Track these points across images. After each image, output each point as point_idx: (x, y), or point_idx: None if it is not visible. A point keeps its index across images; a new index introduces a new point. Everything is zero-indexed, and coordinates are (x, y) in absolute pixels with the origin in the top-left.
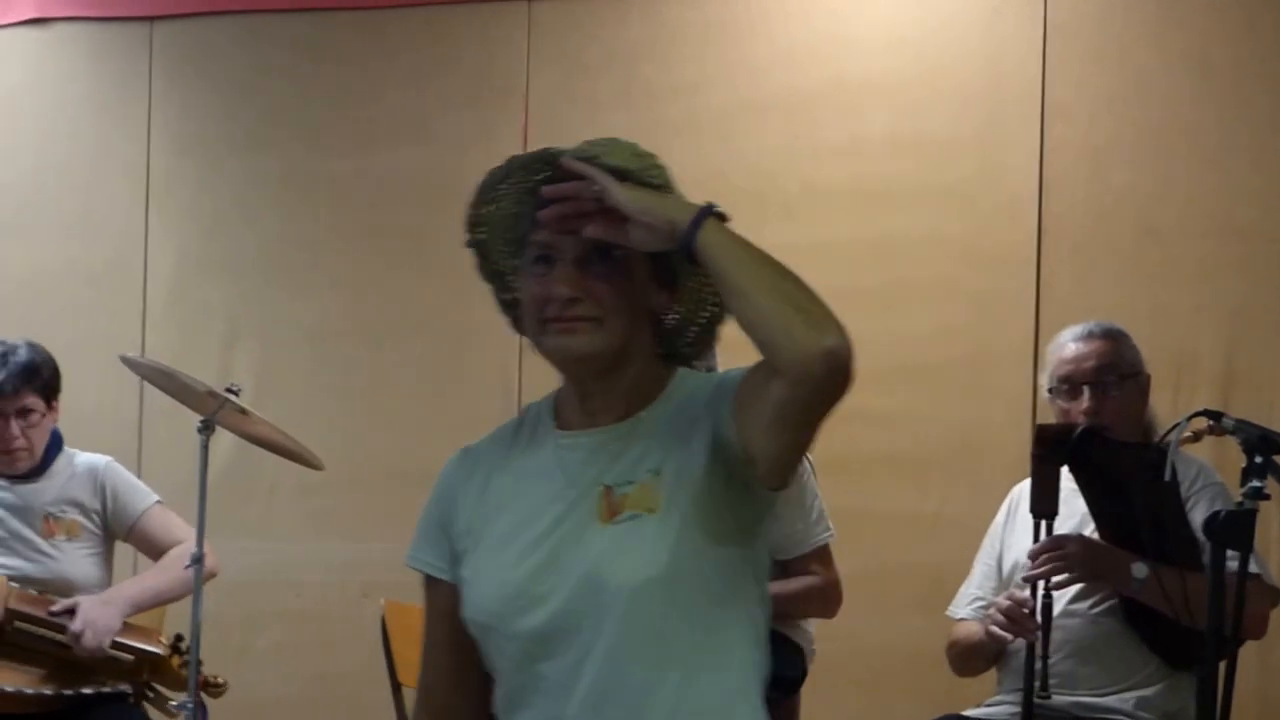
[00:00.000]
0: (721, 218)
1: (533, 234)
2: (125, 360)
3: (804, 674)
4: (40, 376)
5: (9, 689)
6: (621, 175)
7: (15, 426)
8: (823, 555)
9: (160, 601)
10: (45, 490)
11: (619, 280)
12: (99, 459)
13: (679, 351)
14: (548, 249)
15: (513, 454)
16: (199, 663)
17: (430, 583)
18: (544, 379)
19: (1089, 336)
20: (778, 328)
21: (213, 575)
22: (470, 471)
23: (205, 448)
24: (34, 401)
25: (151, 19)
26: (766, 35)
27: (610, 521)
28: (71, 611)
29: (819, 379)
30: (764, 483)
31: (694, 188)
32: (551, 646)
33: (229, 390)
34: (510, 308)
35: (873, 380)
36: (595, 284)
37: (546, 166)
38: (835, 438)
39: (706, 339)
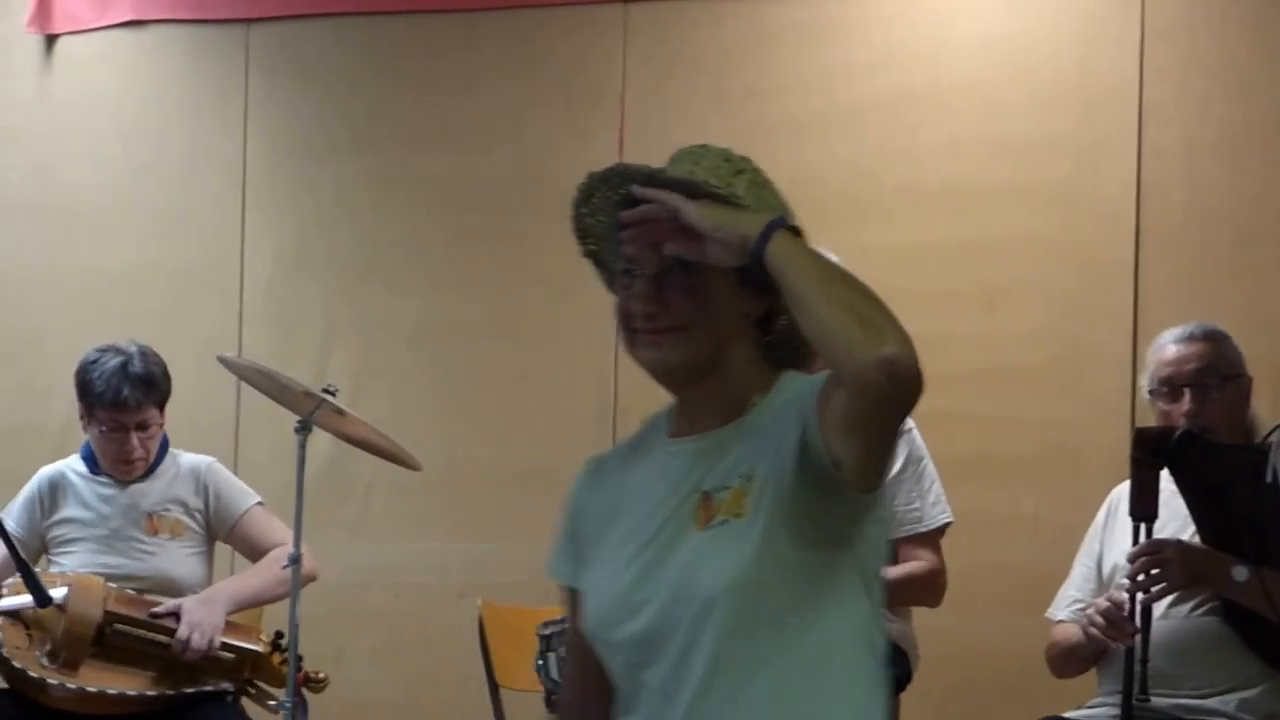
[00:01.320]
0: (794, 231)
1: (621, 246)
2: (223, 360)
3: (909, 676)
4: (159, 389)
5: (111, 691)
6: (690, 191)
7: (135, 439)
8: (935, 539)
9: (259, 602)
10: (150, 490)
11: (700, 290)
12: (202, 459)
13: (794, 354)
14: (631, 262)
15: (631, 463)
16: (299, 660)
17: (569, 591)
18: (641, 381)
19: (1190, 338)
20: (838, 337)
21: (311, 579)
22: (596, 481)
23: (302, 448)
24: (153, 415)
25: (248, 21)
26: (863, 38)
27: (704, 527)
28: (175, 614)
29: (879, 387)
30: (852, 485)
31: (790, 190)
32: (650, 654)
33: (326, 390)
34: None
35: (969, 382)
36: (675, 296)
37: (624, 181)
38: (931, 440)
39: None
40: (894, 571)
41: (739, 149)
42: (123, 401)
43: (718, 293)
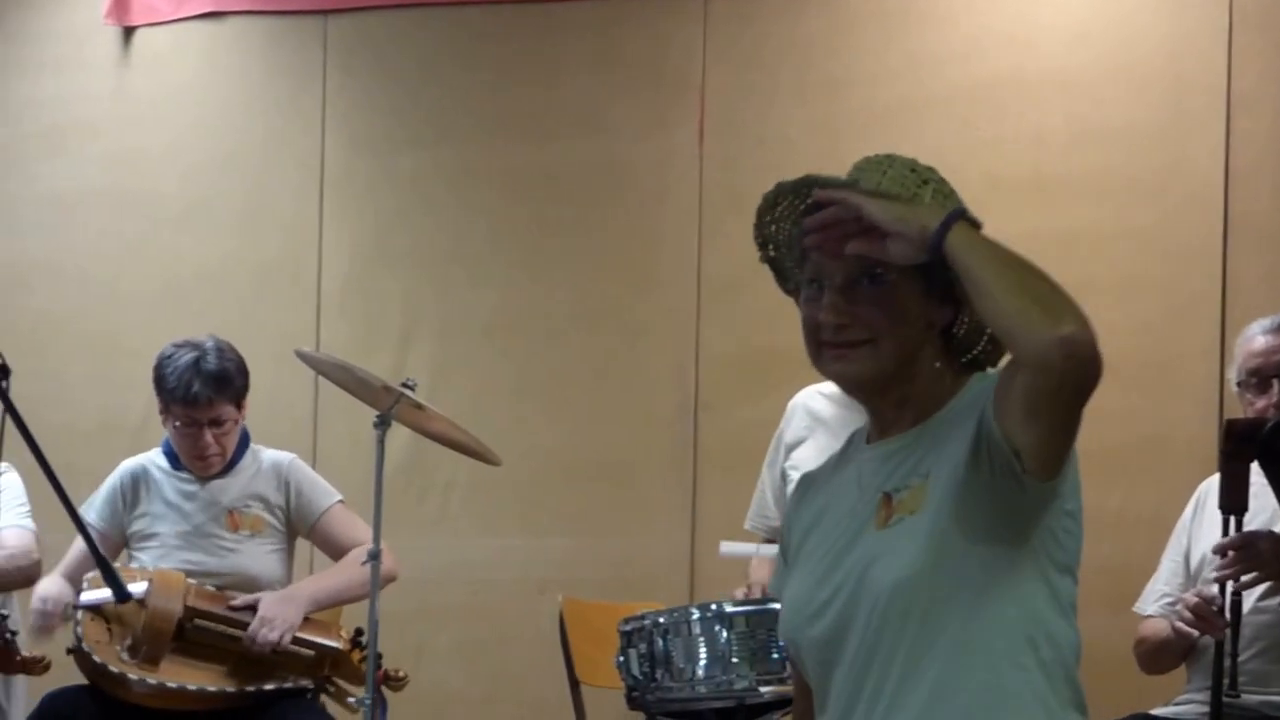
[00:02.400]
0: (973, 223)
1: (807, 256)
2: (301, 355)
3: None
4: (232, 385)
5: (191, 687)
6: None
7: (209, 435)
8: None
9: (339, 601)
10: (231, 486)
11: (888, 301)
12: (284, 455)
13: (976, 359)
14: (818, 273)
15: (834, 474)
16: (379, 657)
17: None
18: (722, 375)
19: (1278, 329)
20: (1015, 318)
21: (392, 579)
22: (804, 496)
23: (381, 443)
24: (227, 411)
25: (326, 13)
26: (947, 26)
27: (883, 526)
28: (253, 608)
29: (1058, 366)
30: (1033, 475)
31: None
32: (834, 654)
33: (405, 385)
34: None
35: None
36: (863, 308)
37: (812, 191)
38: None
39: (1000, 345)
40: None
41: (822, 139)
42: (194, 397)
43: (904, 303)
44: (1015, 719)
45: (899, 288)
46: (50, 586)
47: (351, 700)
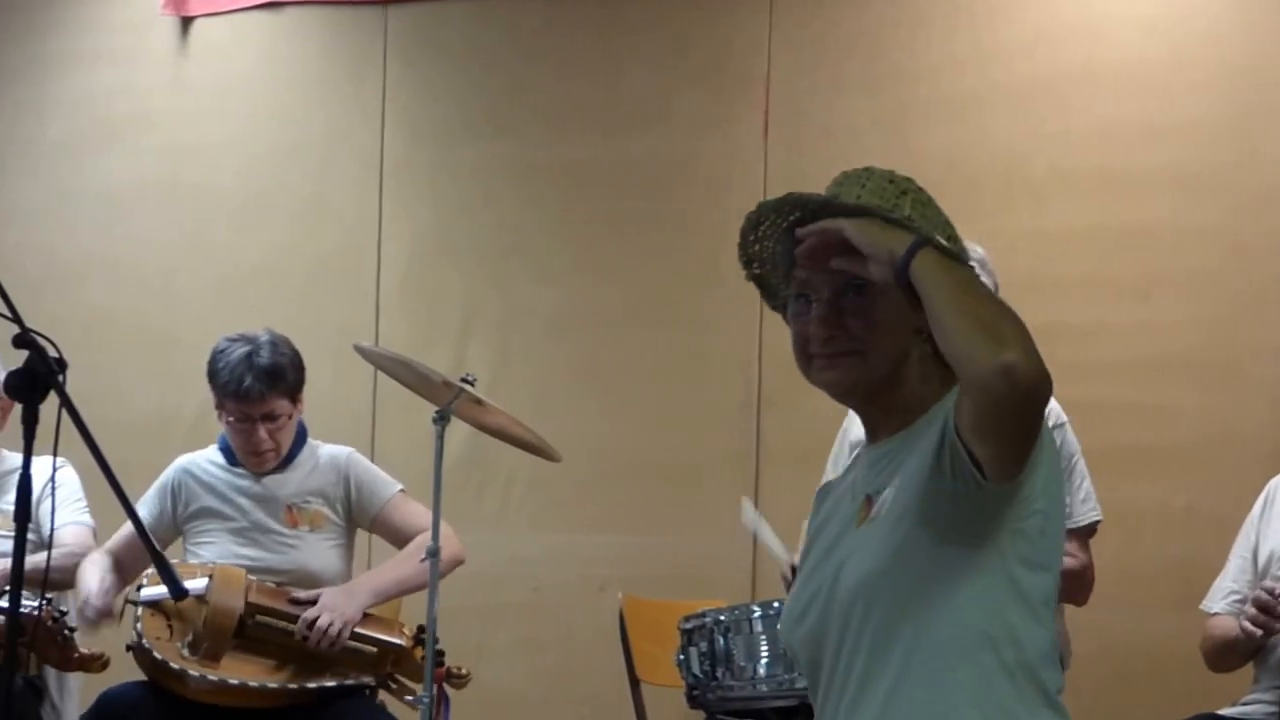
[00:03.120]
0: (943, 248)
1: (793, 271)
2: (359, 349)
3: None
4: (285, 380)
5: (253, 683)
6: (861, 215)
7: (262, 430)
8: (1084, 537)
9: (403, 591)
10: (289, 481)
11: (872, 312)
12: (342, 450)
13: None
14: (805, 287)
15: (841, 480)
16: (440, 653)
17: None
18: (785, 371)
19: None
20: (962, 343)
21: (459, 562)
22: (819, 503)
23: (440, 439)
24: (280, 405)
25: (386, 3)
26: (1016, 18)
27: (860, 526)
28: (314, 603)
29: (998, 393)
30: (993, 481)
31: (940, 174)
32: (818, 652)
33: (464, 380)
34: None
35: (1123, 372)
36: (850, 319)
37: (794, 209)
38: (1084, 431)
39: None
40: None
41: (889, 131)
42: (246, 392)
43: (889, 313)
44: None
45: (883, 299)
46: (91, 582)
47: (411, 698)
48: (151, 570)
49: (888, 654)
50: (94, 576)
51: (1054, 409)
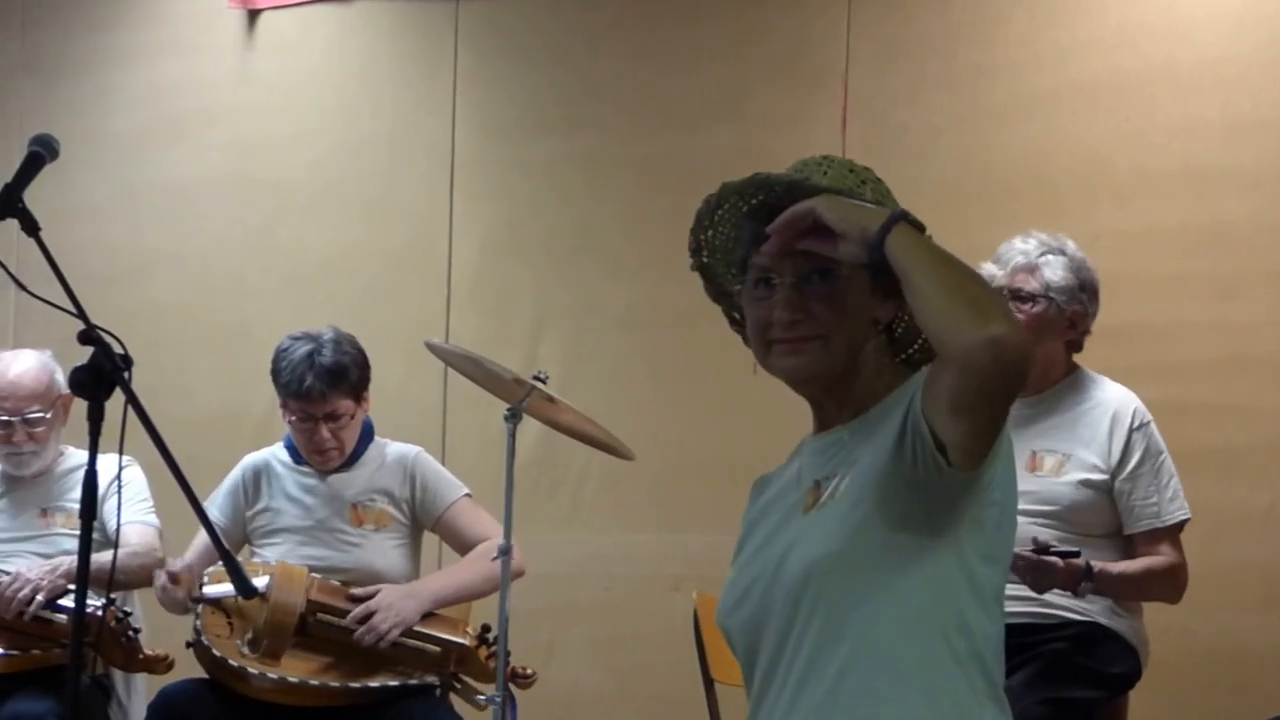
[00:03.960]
0: (917, 225)
1: (752, 257)
2: (430, 346)
3: (1136, 673)
4: (347, 379)
5: (312, 682)
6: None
7: (324, 429)
8: (1174, 535)
9: (464, 597)
10: (355, 480)
11: (838, 297)
12: (409, 449)
13: (913, 357)
14: (767, 272)
15: (782, 471)
16: (507, 654)
17: None
18: None
19: None
20: (946, 317)
21: (519, 575)
22: (756, 494)
23: (512, 437)
24: (343, 405)
25: None
26: (1096, 15)
27: (807, 512)
28: (372, 599)
29: (984, 366)
30: (957, 467)
31: (1020, 172)
32: (756, 639)
33: (536, 377)
34: (741, 326)
35: (1205, 372)
36: (815, 304)
37: (759, 191)
38: (1165, 431)
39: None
40: (1133, 566)
41: (967, 128)
42: (307, 392)
43: (853, 299)
44: (918, 708)
45: (849, 284)
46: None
47: (479, 698)
48: (214, 568)
49: (836, 639)
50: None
51: (1139, 407)
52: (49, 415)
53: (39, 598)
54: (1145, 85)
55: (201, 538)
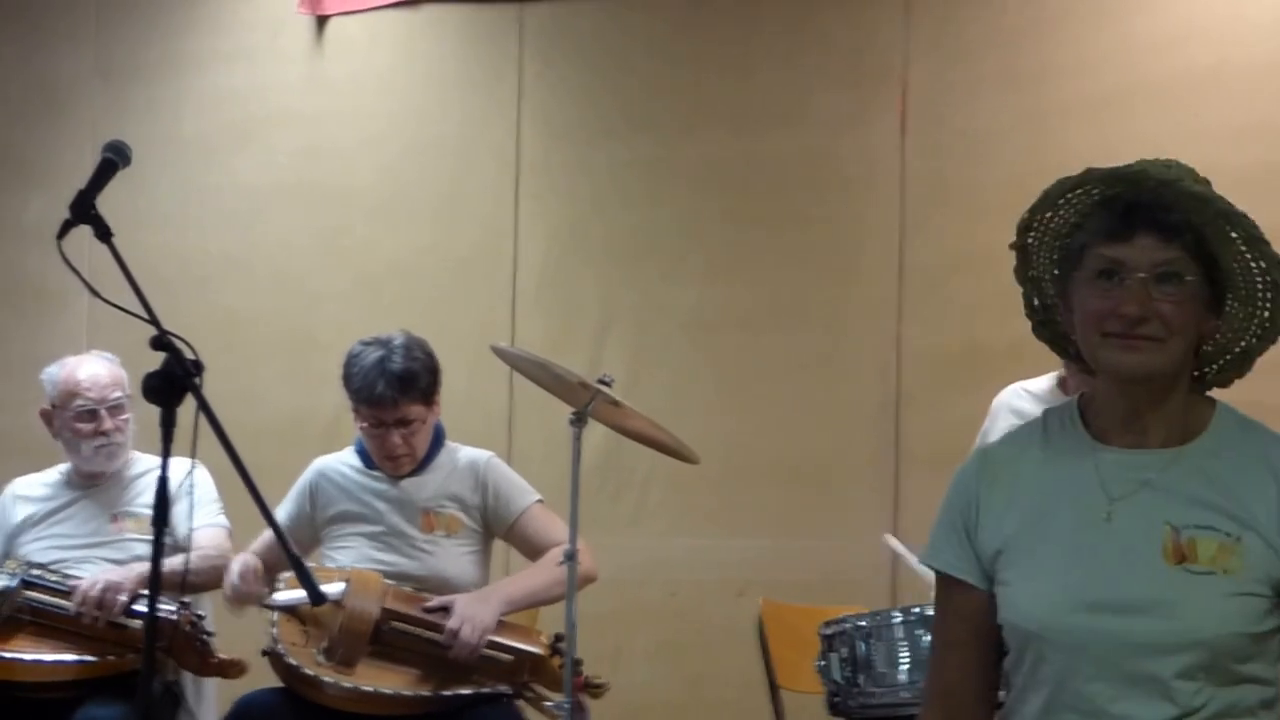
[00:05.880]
0: None
1: (1099, 247)
2: (496, 350)
3: None
4: (417, 385)
5: (387, 691)
6: (1201, 201)
7: (396, 435)
8: None
9: (536, 602)
10: (425, 485)
11: (1185, 304)
12: (481, 454)
13: (1205, 376)
14: (1117, 265)
15: (1042, 460)
16: (577, 662)
17: (950, 583)
18: (924, 371)
19: None
20: None
21: (590, 580)
22: (992, 477)
23: (577, 440)
24: (414, 410)
25: (521, 1)
26: (1160, 12)
27: (1179, 565)
28: (447, 609)
29: None
30: None
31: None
32: (1104, 664)
33: (601, 381)
34: (1038, 312)
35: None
36: (1164, 305)
37: (1121, 184)
38: None
39: (1237, 367)
40: None
41: (1028, 130)
42: (378, 398)
43: (1192, 309)
44: None
45: (1196, 293)
46: (234, 566)
47: (549, 704)
48: (286, 575)
49: (1172, 696)
50: (236, 563)
51: None
52: (129, 402)
53: (123, 599)
54: (1205, 86)
55: (269, 533)
